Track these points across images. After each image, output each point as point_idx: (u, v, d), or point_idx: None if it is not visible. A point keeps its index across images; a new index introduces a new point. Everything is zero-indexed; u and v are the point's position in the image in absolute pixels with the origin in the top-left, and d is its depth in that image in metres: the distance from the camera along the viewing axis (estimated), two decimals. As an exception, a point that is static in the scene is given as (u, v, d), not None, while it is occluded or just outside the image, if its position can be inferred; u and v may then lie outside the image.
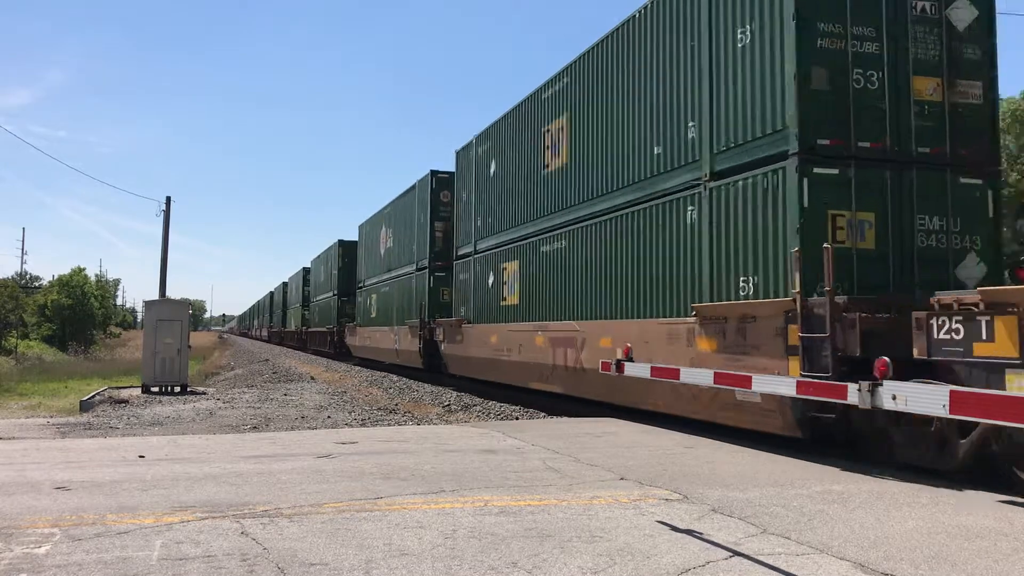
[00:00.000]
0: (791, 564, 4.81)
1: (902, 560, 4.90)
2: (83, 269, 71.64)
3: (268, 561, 4.81)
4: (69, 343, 57.13)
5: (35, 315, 61.73)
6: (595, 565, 4.76)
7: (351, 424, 13.87)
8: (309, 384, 24.88)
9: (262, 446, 9.80)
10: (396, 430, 12.02)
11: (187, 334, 21.53)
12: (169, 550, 5.02)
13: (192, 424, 14.29)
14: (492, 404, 17.94)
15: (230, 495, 6.71)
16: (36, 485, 7.12)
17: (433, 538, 5.34)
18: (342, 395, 20.76)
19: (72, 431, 13.52)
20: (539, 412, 15.91)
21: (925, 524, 5.80)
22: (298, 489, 6.97)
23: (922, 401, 7.34)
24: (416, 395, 21.25)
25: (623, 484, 7.27)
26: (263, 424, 14.06)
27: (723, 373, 10.38)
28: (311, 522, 5.78)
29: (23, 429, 13.95)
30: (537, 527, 5.64)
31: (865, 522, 5.84)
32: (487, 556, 4.93)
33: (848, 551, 5.09)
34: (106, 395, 20.35)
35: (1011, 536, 5.49)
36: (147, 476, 7.59)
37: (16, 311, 54.58)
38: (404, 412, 16.72)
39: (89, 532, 5.45)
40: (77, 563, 4.74)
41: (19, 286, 64.09)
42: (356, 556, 4.92)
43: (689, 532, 5.53)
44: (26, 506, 6.27)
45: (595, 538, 5.35)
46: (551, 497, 6.68)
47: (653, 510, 6.22)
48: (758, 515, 6.04)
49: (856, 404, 7.55)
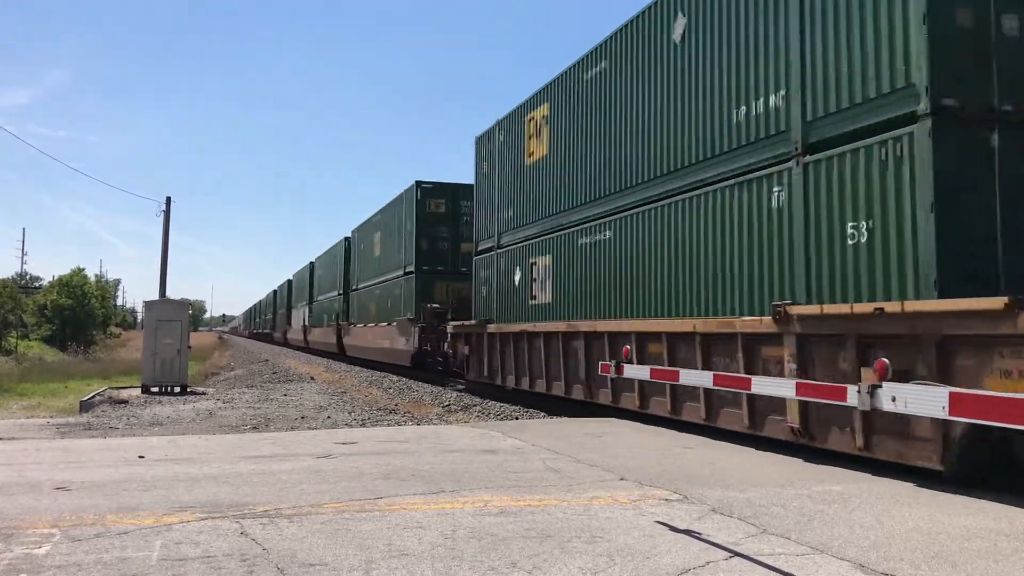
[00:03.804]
0: (791, 564, 4.81)
1: (902, 560, 4.90)
2: (83, 269, 71.77)
3: (268, 561, 4.81)
4: (69, 343, 57.08)
5: (35, 315, 61.75)
6: (595, 565, 4.76)
7: (351, 424, 13.88)
8: (309, 384, 24.88)
9: (262, 446, 9.79)
10: (396, 430, 12.02)
11: (187, 334, 21.54)
12: (169, 550, 5.02)
13: (192, 424, 14.29)
14: (492, 404, 17.92)
15: (230, 495, 6.70)
16: (36, 485, 7.12)
17: (433, 538, 5.34)
18: (342, 395, 20.76)
19: (72, 431, 13.52)
20: (539, 412, 15.90)
21: (925, 524, 5.80)
22: (298, 489, 6.97)
23: (921, 403, 7.31)
24: (416, 395, 21.24)
25: (623, 484, 7.27)
26: (263, 424, 14.06)
27: (722, 375, 10.35)
28: (311, 522, 5.78)
29: (23, 429, 13.95)
30: (537, 527, 5.64)
31: (865, 522, 5.84)
32: (487, 556, 4.93)
33: (848, 551, 5.08)
34: (106, 395, 20.37)
35: (1011, 536, 5.48)
36: (147, 476, 7.59)
37: (16, 311, 54.59)
38: (404, 412, 16.72)
39: (89, 532, 5.45)
40: (77, 563, 4.74)
41: (19, 286, 64.13)
42: (356, 556, 4.92)
43: (689, 532, 5.53)
44: (26, 506, 6.27)
45: (595, 538, 5.35)
46: (551, 497, 6.67)
47: (653, 510, 6.22)
48: (758, 515, 6.04)
49: (855, 406, 7.51)
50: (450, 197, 26.44)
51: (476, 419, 15.60)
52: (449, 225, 26.39)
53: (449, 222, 26.40)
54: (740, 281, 10.07)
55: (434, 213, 26.27)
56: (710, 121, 10.87)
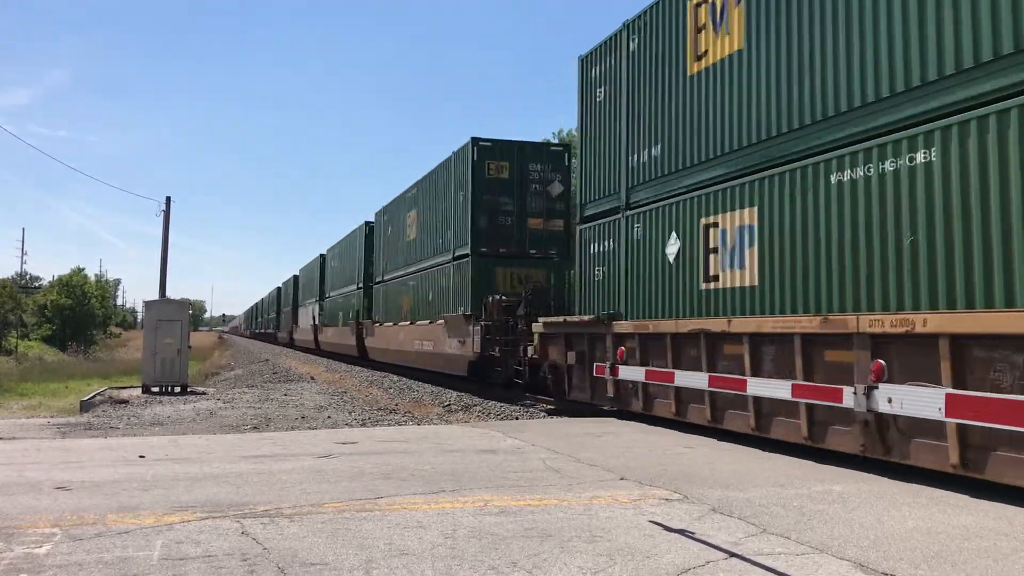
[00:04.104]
0: (791, 564, 4.81)
1: (902, 560, 4.91)
2: (83, 269, 71.95)
3: (268, 561, 4.81)
4: (69, 343, 57.17)
5: (35, 315, 61.81)
6: (595, 565, 4.77)
7: (351, 424, 13.88)
8: (309, 384, 24.88)
9: (262, 446, 9.80)
10: (396, 430, 12.04)
11: (187, 334, 21.54)
12: (169, 550, 5.03)
13: (192, 424, 14.30)
14: (492, 404, 17.92)
15: (230, 495, 6.71)
16: (37, 485, 7.13)
17: (433, 538, 5.34)
18: (342, 395, 20.76)
19: (72, 431, 13.52)
20: (539, 412, 15.90)
21: (925, 524, 5.81)
22: (298, 489, 6.98)
23: (918, 404, 7.31)
24: (416, 395, 21.24)
25: (623, 484, 7.28)
26: (263, 424, 14.06)
27: (718, 377, 10.32)
28: (311, 522, 5.78)
29: (23, 429, 13.95)
30: (537, 527, 5.65)
31: (865, 522, 5.84)
32: (487, 556, 4.94)
33: (848, 551, 5.09)
34: (106, 395, 20.37)
35: (1011, 536, 5.49)
36: (147, 476, 7.60)
37: (16, 311, 54.62)
38: (404, 412, 16.72)
39: (90, 532, 5.46)
40: (78, 563, 4.75)
41: (19, 286, 64.17)
42: (356, 556, 4.92)
43: (689, 532, 5.54)
44: (27, 506, 6.27)
45: (595, 538, 5.36)
46: (551, 497, 6.68)
47: (653, 510, 6.22)
48: (758, 515, 6.04)
49: (851, 407, 7.50)
50: (515, 158, 20.99)
51: (476, 419, 15.60)
52: (514, 195, 20.87)
53: (514, 191, 20.88)
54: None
55: (495, 179, 20.72)
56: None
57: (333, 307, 42.61)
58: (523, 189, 20.83)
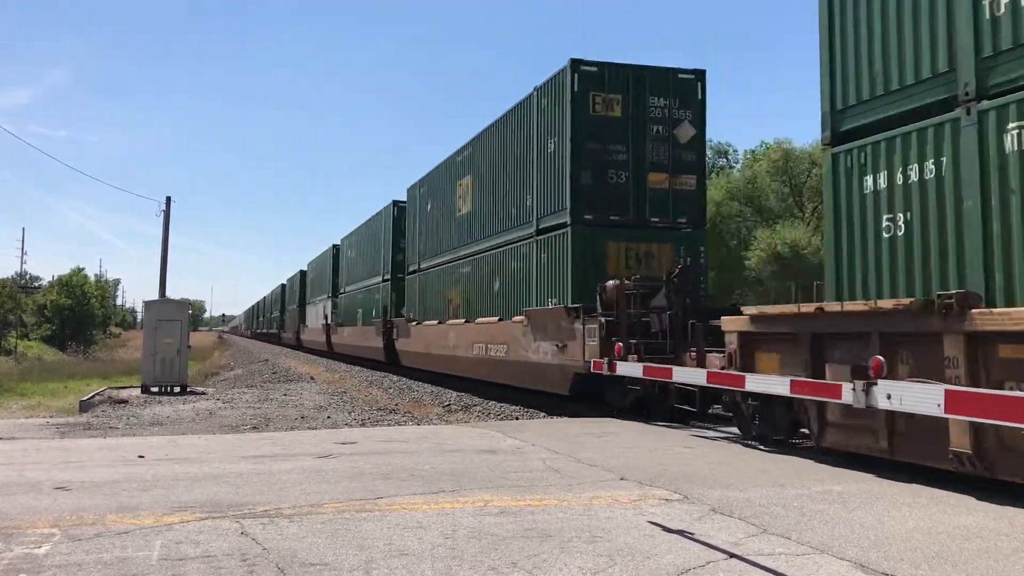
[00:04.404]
0: (791, 564, 4.81)
1: (902, 560, 4.90)
2: (83, 269, 71.82)
3: (268, 561, 4.81)
4: (69, 343, 57.12)
5: (35, 315, 61.79)
6: (595, 565, 4.76)
7: (351, 424, 13.87)
8: (309, 384, 24.88)
9: (262, 446, 9.80)
10: (396, 430, 12.03)
11: (187, 334, 21.54)
12: (169, 550, 5.02)
13: (192, 424, 14.29)
14: (492, 404, 17.92)
15: (230, 495, 6.71)
16: (36, 485, 7.12)
17: (433, 538, 5.34)
18: (342, 395, 20.76)
19: (72, 431, 13.51)
20: (539, 412, 15.90)
21: (925, 524, 5.80)
22: (298, 489, 6.97)
23: (917, 401, 7.29)
24: (416, 395, 21.25)
25: (623, 484, 7.27)
26: (263, 424, 14.06)
27: (715, 372, 10.33)
28: (311, 522, 5.78)
29: (23, 429, 13.94)
30: (537, 527, 5.64)
31: (865, 522, 5.84)
32: (487, 556, 4.93)
33: (848, 551, 5.08)
34: (106, 395, 20.36)
35: (1011, 536, 5.49)
36: (147, 476, 7.59)
37: (16, 311, 54.61)
38: (404, 412, 16.72)
39: (89, 532, 5.45)
40: (77, 563, 4.74)
41: (19, 286, 64.16)
42: (356, 556, 4.92)
43: (689, 532, 5.53)
44: (26, 506, 6.27)
45: (595, 538, 5.35)
46: (551, 497, 6.68)
47: (653, 510, 6.22)
48: (758, 515, 6.04)
49: (850, 403, 7.50)
50: (630, 90, 15.39)
51: (476, 419, 15.60)
52: (628, 141, 15.29)
53: (628, 136, 15.31)
54: None
55: (603, 119, 15.18)
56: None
57: (350, 304, 37.25)
58: (641, 133, 15.35)
